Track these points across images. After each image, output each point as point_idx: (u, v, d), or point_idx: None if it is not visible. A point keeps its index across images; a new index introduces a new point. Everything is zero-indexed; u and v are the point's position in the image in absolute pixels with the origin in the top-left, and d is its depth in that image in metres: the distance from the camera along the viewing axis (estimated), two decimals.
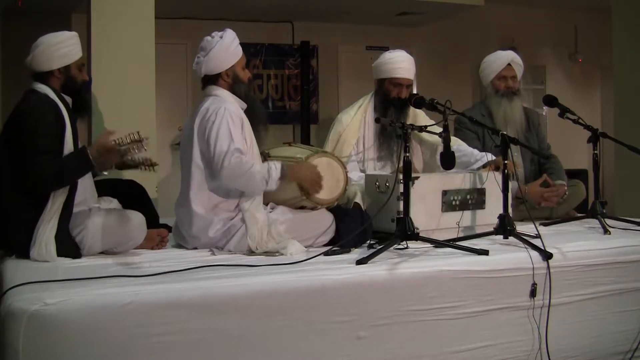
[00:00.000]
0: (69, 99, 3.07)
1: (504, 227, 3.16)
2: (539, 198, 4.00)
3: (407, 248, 3.02)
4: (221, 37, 3.23)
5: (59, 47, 3.01)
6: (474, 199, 3.44)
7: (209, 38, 3.26)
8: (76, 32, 3.12)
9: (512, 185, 3.30)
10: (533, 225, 3.10)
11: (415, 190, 3.16)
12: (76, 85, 3.08)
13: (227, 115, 3.09)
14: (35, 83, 3.03)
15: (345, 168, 3.29)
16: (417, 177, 3.21)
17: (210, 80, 3.27)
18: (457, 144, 3.87)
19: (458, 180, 3.41)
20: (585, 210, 3.91)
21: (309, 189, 3.14)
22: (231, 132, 3.05)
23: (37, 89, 3.00)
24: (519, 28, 8.66)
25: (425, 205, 3.28)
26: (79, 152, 2.88)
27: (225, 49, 3.22)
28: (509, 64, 4.23)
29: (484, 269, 2.83)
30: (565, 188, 4.09)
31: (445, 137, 3.16)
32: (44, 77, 3.03)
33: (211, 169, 3.08)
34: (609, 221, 3.62)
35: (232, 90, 3.26)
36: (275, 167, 3.05)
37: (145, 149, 2.76)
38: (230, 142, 3.03)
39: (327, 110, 7.98)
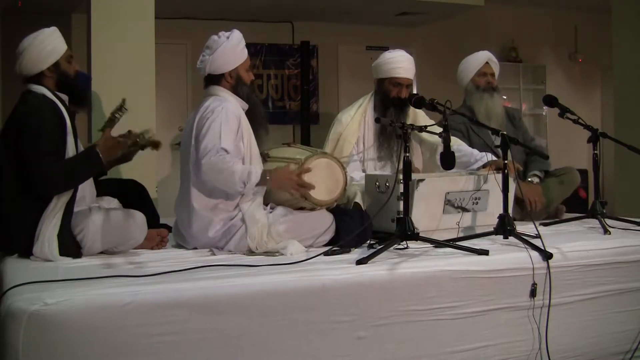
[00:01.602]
0: (64, 97, 3.07)
1: (504, 227, 3.16)
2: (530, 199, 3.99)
3: (407, 248, 3.02)
4: (228, 38, 3.24)
5: (44, 47, 3.01)
6: (475, 200, 3.44)
7: (215, 37, 3.26)
8: (55, 27, 3.10)
9: (511, 184, 3.30)
10: (533, 225, 3.10)
11: (419, 192, 3.16)
12: (69, 78, 3.08)
13: (223, 114, 3.08)
14: (30, 84, 3.02)
15: (344, 169, 3.29)
16: (422, 180, 3.21)
17: (213, 79, 3.27)
18: (456, 144, 3.87)
19: (460, 181, 3.40)
20: (585, 210, 3.91)
21: (298, 193, 3.12)
22: (221, 131, 3.04)
23: (34, 90, 3.00)
24: (519, 28, 8.67)
25: (426, 205, 3.28)
26: (88, 152, 2.89)
27: (231, 49, 3.23)
28: (486, 62, 4.32)
29: (484, 269, 2.83)
30: (537, 180, 4.10)
31: (445, 137, 3.16)
32: (37, 78, 3.02)
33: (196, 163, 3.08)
34: (609, 221, 3.62)
35: (234, 91, 3.26)
36: (256, 172, 3.00)
37: (125, 109, 2.88)
38: (218, 140, 3.02)
39: (327, 110, 7.98)
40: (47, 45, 3.01)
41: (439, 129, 3.21)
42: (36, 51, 2.99)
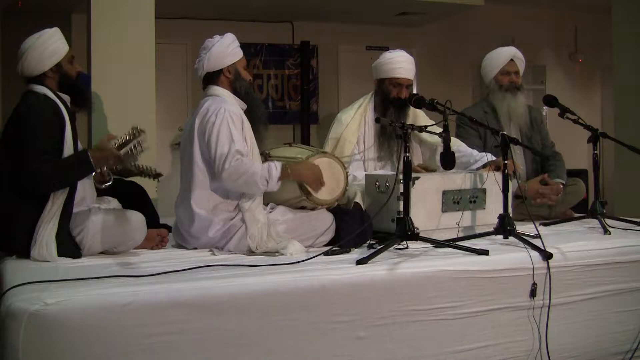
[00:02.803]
0: (66, 98, 3.06)
1: (504, 227, 3.16)
2: (535, 195, 4.00)
3: (407, 248, 3.02)
4: (222, 37, 3.29)
5: (46, 47, 3.00)
6: (474, 199, 3.44)
7: (209, 39, 3.31)
8: (57, 27, 3.10)
9: (511, 184, 3.30)
10: (533, 225, 3.10)
11: (416, 190, 3.16)
12: (72, 79, 3.08)
13: (227, 116, 3.10)
14: (32, 85, 3.02)
15: (345, 168, 3.29)
16: (417, 177, 3.22)
17: (212, 78, 3.28)
18: (456, 144, 3.87)
19: (458, 180, 3.41)
20: (585, 210, 3.91)
21: (311, 187, 3.14)
22: (232, 134, 3.06)
23: (35, 90, 2.99)
24: (519, 28, 8.66)
25: (425, 205, 3.28)
26: (80, 155, 2.88)
27: (226, 46, 3.27)
28: (511, 59, 4.24)
29: (484, 269, 2.83)
30: (561, 187, 4.09)
31: (445, 137, 3.16)
32: (39, 79, 3.02)
33: (212, 170, 3.09)
34: (609, 221, 3.62)
35: (233, 87, 3.27)
36: (276, 167, 3.05)
37: (142, 149, 2.75)
38: (231, 143, 3.04)
39: (327, 110, 7.98)
40: (49, 46, 3.01)
41: (439, 129, 3.21)
42: (38, 52, 2.99)
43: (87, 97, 3.21)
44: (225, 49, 3.26)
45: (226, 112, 3.11)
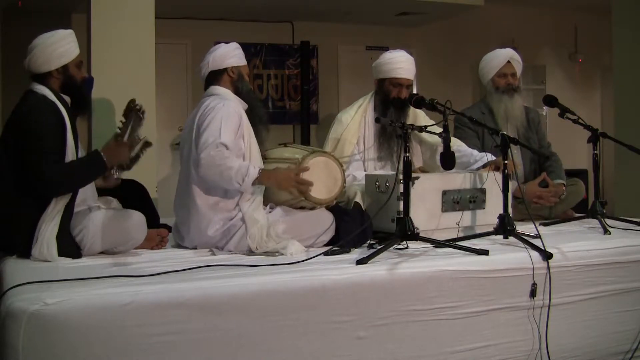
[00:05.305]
0: (67, 99, 3.06)
1: (504, 227, 3.16)
2: (534, 198, 4.00)
3: (407, 248, 3.02)
4: (227, 43, 3.37)
5: (56, 47, 3.01)
6: (474, 199, 3.44)
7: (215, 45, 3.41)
8: (72, 30, 3.11)
9: (511, 184, 3.30)
10: (533, 225, 3.10)
11: (415, 190, 3.16)
12: (75, 83, 3.08)
13: (224, 110, 3.11)
14: (34, 84, 3.02)
15: (342, 167, 3.29)
16: (417, 177, 3.22)
17: (215, 77, 3.32)
18: (456, 144, 3.88)
19: (458, 180, 3.41)
20: (585, 210, 3.91)
21: (298, 192, 3.13)
22: (221, 126, 3.06)
23: (35, 90, 2.99)
24: (519, 28, 8.67)
25: (425, 205, 3.29)
26: (93, 156, 2.90)
27: (232, 49, 3.35)
28: (508, 61, 4.24)
29: (484, 269, 2.83)
30: (564, 188, 4.10)
31: (445, 138, 3.16)
32: (43, 77, 3.02)
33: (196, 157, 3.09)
34: (609, 221, 3.62)
35: (236, 87, 3.31)
36: (254, 170, 3.03)
37: (142, 117, 2.96)
38: (217, 134, 3.03)
39: (327, 110, 7.99)
40: (59, 47, 3.01)
41: (439, 129, 3.21)
42: (48, 51, 2.99)
43: (87, 103, 3.21)
44: (230, 51, 3.34)
45: (224, 106, 3.13)
